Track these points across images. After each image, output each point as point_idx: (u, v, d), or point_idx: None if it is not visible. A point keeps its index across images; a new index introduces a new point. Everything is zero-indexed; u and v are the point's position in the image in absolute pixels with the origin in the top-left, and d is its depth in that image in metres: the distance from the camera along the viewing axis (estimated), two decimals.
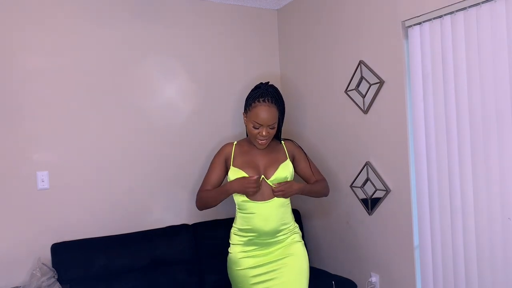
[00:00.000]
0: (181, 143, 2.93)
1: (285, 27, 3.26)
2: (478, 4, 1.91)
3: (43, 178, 2.50)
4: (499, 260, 1.92)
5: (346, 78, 2.68)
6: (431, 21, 2.14)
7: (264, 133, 2.08)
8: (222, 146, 2.27)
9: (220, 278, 2.66)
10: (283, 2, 3.19)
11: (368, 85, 2.51)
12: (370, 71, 2.49)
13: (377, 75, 2.45)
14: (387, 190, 2.45)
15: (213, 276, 2.68)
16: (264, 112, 2.06)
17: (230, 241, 2.21)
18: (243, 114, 2.17)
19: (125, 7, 2.76)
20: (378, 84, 2.44)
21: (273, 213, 2.10)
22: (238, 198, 2.15)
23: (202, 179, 2.96)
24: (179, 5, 2.94)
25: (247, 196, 2.10)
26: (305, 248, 2.20)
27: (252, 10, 3.22)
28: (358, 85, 2.59)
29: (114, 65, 2.72)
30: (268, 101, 2.07)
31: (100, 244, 2.51)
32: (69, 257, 2.42)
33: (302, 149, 2.33)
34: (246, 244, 2.14)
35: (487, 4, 1.88)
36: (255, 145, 2.18)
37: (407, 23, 2.27)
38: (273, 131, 2.12)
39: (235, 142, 2.26)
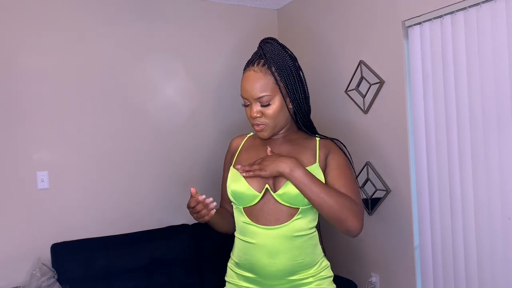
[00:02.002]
0: (181, 142, 2.93)
1: (285, 27, 3.26)
2: (478, 4, 1.91)
3: (43, 178, 2.50)
4: (499, 260, 1.92)
5: (346, 78, 2.68)
6: (431, 21, 2.14)
7: (253, 113, 1.41)
8: (231, 141, 1.63)
9: (220, 278, 2.65)
10: (283, 2, 3.19)
11: (368, 85, 2.51)
12: (370, 71, 2.49)
13: (377, 75, 2.45)
14: (387, 190, 2.45)
15: (212, 276, 2.68)
16: (247, 80, 1.42)
17: (226, 278, 1.59)
18: None
19: (125, 7, 2.76)
20: (378, 84, 2.44)
21: (283, 245, 1.39)
22: (239, 218, 1.48)
23: (202, 179, 3.01)
24: (179, 5, 2.94)
25: (247, 215, 1.43)
26: None
27: (252, 10, 3.22)
28: (358, 85, 2.58)
29: (114, 65, 2.72)
30: (256, 64, 1.43)
31: (100, 244, 2.51)
32: (69, 257, 2.42)
33: (348, 158, 1.52)
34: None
35: (487, 4, 1.88)
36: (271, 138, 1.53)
37: (407, 23, 2.27)
38: (272, 111, 1.41)
39: (250, 134, 1.61)
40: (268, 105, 1.41)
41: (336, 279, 2.72)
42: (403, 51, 2.30)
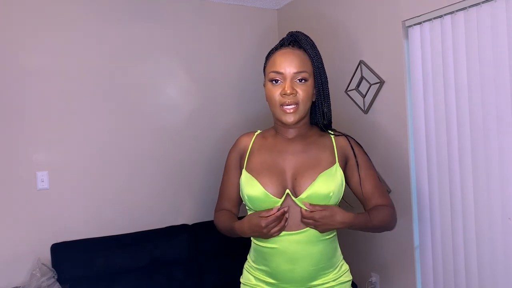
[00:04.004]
0: (181, 143, 2.92)
1: (285, 27, 3.26)
2: (478, 4, 1.91)
3: (43, 178, 2.50)
4: (499, 260, 1.92)
5: (346, 78, 2.68)
6: (431, 21, 2.14)
7: (288, 89, 1.33)
8: (238, 138, 1.53)
9: (219, 278, 2.66)
10: (283, 2, 3.19)
11: (368, 85, 2.51)
12: (370, 71, 2.49)
13: (377, 75, 2.45)
14: (387, 190, 2.45)
15: (212, 277, 2.68)
16: (284, 55, 1.38)
17: (241, 279, 1.52)
18: (264, 85, 1.47)
19: (125, 7, 2.75)
20: (378, 84, 2.44)
21: (305, 251, 1.34)
22: None
23: (202, 179, 3.00)
24: (179, 5, 2.94)
25: None
26: None
27: (252, 10, 3.22)
28: (358, 85, 2.58)
29: (115, 65, 2.72)
30: (292, 46, 1.41)
31: (100, 244, 2.51)
32: (69, 257, 2.42)
33: (364, 151, 1.49)
34: None
35: (487, 4, 1.88)
36: (282, 134, 1.46)
37: (408, 23, 2.27)
38: (306, 92, 1.36)
39: (258, 132, 1.52)
40: (305, 81, 1.37)
41: None
42: (403, 51, 2.30)
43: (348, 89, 2.67)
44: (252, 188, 1.37)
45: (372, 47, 2.49)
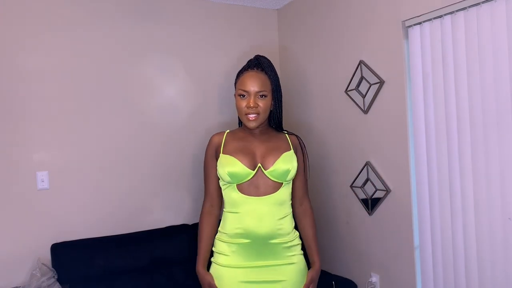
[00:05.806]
0: (182, 143, 2.93)
1: (285, 27, 3.26)
2: (478, 4, 1.91)
3: (43, 178, 2.50)
4: (499, 260, 1.92)
5: (346, 78, 2.68)
6: (431, 21, 2.14)
7: (251, 103, 1.77)
8: (211, 138, 1.94)
9: None
10: (283, 2, 3.19)
11: (368, 85, 2.51)
12: (370, 71, 2.49)
13: (377, 75, 2.45)
14: (387, 190, 2.45)
15: None
16: (250, 77, 1.82)
17: (213, 249, 1.88)
18: (234, 96, 1.90)
19: (125, 7, 2.76)
20: (378, 84, 2.44)
21: (269, 210, 1.77)
22: (231, 194, 1.81)
23: (202, 179, 2.99)
24: (179, 5, 2.94)
25: (239, 190, 1.79)
26: (305, 264, 1.88)
27: (252, 10, 3.22)
28: (358, 85, 2.58)
29: (114, 65, 2.72)
30: (257, 69, 1.85)
31: (100, 244, 2.51)
32: (69, 257, 2.42)
33: (306, 153, 1.99)
34: (237, 253, 1.79)
35: (487, 4, 1.88)
36: (249, 132, 1.89)
37: (407, 23, 2.27)
38: (265, 105, 1.80)
39: (227, 131, 1.95)
40: (265, 97, 1.82)
41: (336, 279, 2.73)
42: (403, 51, 2.30)
43: (348, 89, 2.67)
44: (233, 166, 1.78)
45: (372, 47, 2.49)
